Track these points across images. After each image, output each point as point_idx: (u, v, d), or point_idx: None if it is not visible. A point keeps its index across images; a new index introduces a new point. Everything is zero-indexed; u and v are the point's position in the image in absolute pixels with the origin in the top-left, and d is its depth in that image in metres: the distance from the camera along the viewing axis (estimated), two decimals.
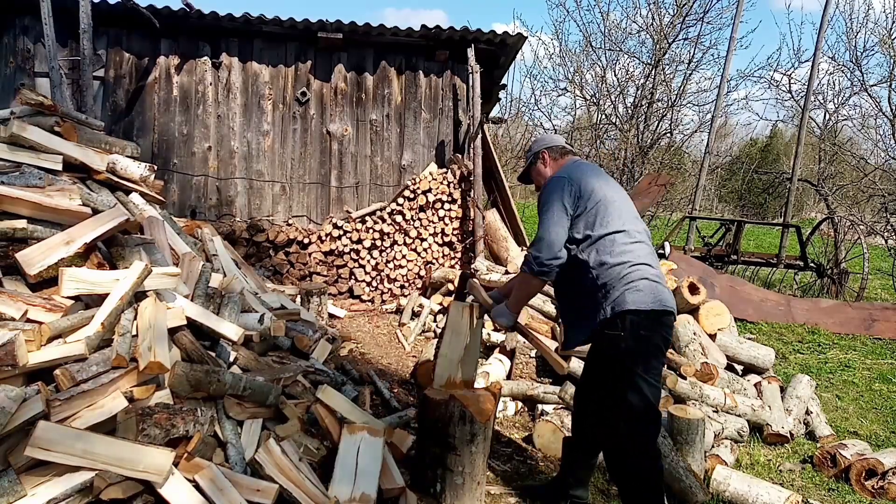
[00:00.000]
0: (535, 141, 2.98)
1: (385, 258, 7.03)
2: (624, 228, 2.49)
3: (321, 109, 7.10)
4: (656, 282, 2.46)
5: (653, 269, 2.48)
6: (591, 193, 2.52)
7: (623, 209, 2.56)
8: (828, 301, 7.62)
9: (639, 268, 2.44)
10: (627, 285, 2.40)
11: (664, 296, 2.46)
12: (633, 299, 2.39)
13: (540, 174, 2.87)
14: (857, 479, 3.38)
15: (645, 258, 2.48)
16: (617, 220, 2.49)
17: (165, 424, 2.16)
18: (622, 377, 2.45)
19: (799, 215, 19.66)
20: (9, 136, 3.13)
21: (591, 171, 2.67)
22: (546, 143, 2.90)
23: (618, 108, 13.36)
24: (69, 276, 2.47)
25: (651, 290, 2.42)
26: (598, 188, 2.55)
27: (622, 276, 2.41)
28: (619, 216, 2.51)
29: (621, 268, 2.42)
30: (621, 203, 2.57)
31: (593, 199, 2.51)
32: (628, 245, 2.47)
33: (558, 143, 2.89)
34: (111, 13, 6.33)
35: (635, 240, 2.50)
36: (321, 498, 2.26)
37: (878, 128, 13.37)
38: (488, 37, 6.90)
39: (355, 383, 3.98)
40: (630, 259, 2.44)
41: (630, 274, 2.42)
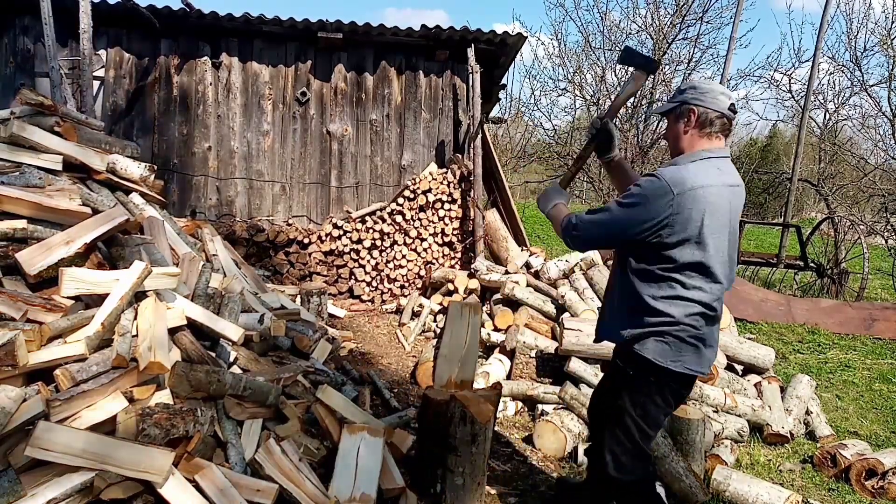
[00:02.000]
0: (695, 86, 2.21)
1: (385, 258, 7.03)
2: (715, 284, 2.14)
3: (321, 109, 7.10)
4: (695, 344, 2.17)
5: (701, 332, 2.16)
6: (693, 229, 2.06)
7: (725, 258, 2.17)
8: (828, 301, 7.62)
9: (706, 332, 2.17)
10: (662, 334, 2.15)
11: (694, 358, 2.18)
12: (658, 350, 2.15)
13: (676, 136, 2.24)
14: (857, 479, 3.38)
15: (715, 320, 2.20)
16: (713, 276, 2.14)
17: (165, 424, 2.16)
18: (619, 407, 2.30)
19: (799, 215, 19.65)
20: (9, 136, 3.14)
21: (717, 193, 2.10)
22: (703, 100, 2.16)
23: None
24: (69, 276, 2.47)
25: (679, 349, 2.15)
26: (708, 224, 2.07)
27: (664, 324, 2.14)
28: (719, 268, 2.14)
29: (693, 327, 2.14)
30: (725, 250, 2.17)
31: (693, 237, 2.08)
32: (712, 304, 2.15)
33: (718, 108, 2.15)
34: (111, 13, 6.32)
35: (720, 297, 2.18)
36: (321, 498, 2.26)
37: (878, 128, 13.37)
38: (488, 37, 6.89)
39: (355, 383, 3.98)
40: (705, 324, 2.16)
41: (674, 329, 2.14)
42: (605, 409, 2.43)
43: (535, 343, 4.58)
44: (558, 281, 5.48)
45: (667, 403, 2.28)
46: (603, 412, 2.45)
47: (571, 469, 3.41)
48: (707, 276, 2.13)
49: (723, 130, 2.19)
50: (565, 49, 15.96)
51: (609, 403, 2.38)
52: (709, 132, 2.17)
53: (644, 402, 2.24)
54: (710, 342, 2.23)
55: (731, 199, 2.15)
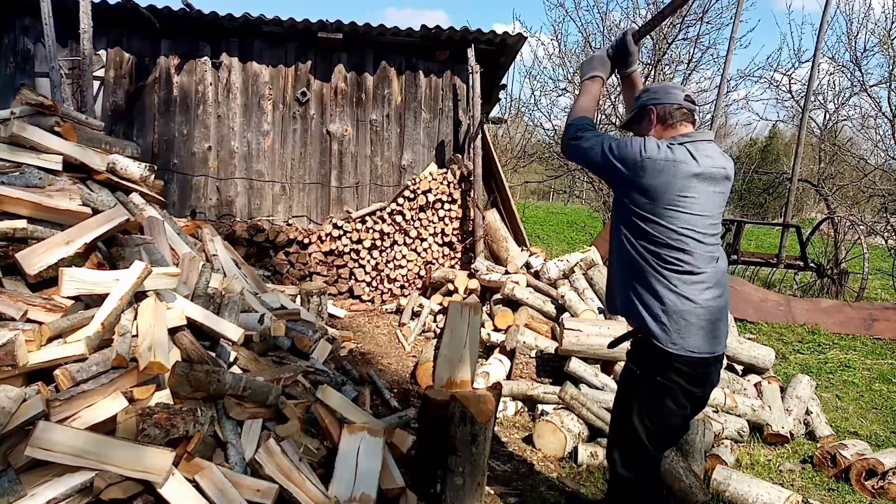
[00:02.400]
0: (648, 89, 2.33)
1: (385, 258, 7.03)
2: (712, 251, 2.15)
3: (321, 109, 7.10)
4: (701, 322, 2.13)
5: (702, 308, 2.13)
6: (681, 188, 2.09)
7: (714, 221, 2.18)
8: (828, 301, 7.62)
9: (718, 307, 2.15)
10: (696, 327, 2.11)
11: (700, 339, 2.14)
12: (701, 345, 2.12)
13: (643, 135, 2.30)
14: (857, 479, 3.38)
15: (724, 295, 2.18)
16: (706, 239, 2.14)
17: (165, 424, 2.16)
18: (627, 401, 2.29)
19: (799, 215, 19.65)
20: (9, 136, 3.13)
21: (709, 155, 2.15)
22: (657, 97, 2.25)
23: (618, 108, 13.36)
24: (69, 276, 2.47)
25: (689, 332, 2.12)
26: (694, 185, 2.10)
27: (702, 322, 2.12)
28: (709, 228, 2.15)
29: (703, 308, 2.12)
30: (713, 213, 2.17)
31: (685, 197, 2.10)
32: (695, 276, 2.13)
33: (673, 101, 2.23)
34: (111, 13, 6.32)
35: (702, 269, 2.14)
36: (321, 498, 2.26)
37: (877, 128, 13.35)
38: (488, 37, 6.90)
39: (355, 383, 3.98)
40: (715, 300, 2.14)
41: (707, 319, 2.12)
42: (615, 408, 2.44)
43: (535, 343, 4.58)
44: (558, 281, 5.48)
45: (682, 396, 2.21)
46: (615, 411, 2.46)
47: (571, 469, 3.40)
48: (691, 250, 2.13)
49: (685, 119, 2.24)
50: (565, 49, 15.96)
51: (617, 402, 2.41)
52: (671, 123, 2.23)
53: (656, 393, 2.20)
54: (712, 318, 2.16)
55: (712, 174, 2.14)
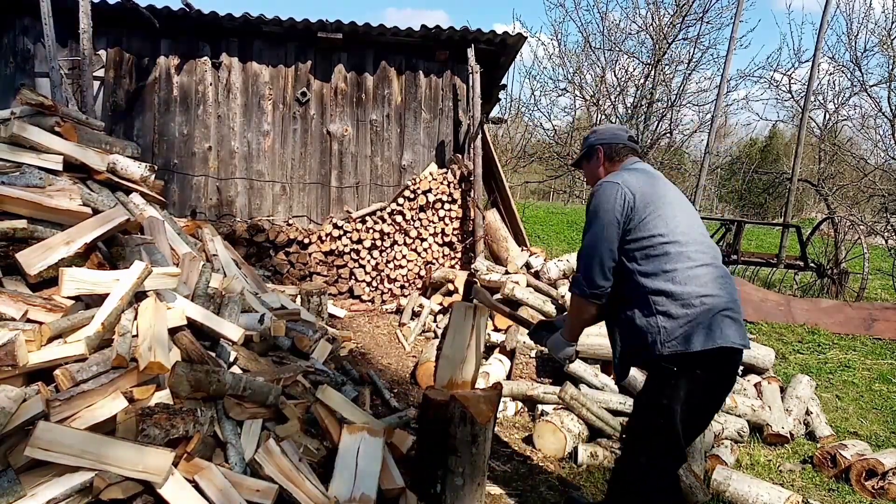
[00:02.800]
0: (594, 131, 2.60)
1: (385, 258, 7.03)
2: (688, 250, 2.18)
3: (321, 109, 7.10)
4: (728, 317, 2.16)
5: (723, 301, 2.16)
6: (651, 206, 2.20)
7: (692, 226, 2.25)
8: (828, 301, 7.62)
9: (711, 302, 2.14)
10: (691, 323, 2.12)
11: (730, 332, 2.14)
12: (700, 341, 2.11)
13: (592, 174, 2.52)
14: (857, 479, 3.38)
15: (715, 288, 2.17)
16: (682, 241, 2.18)
17: (165, 424, 2.16)
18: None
19: (799, 215, 19.66)
20: (9, 136, 3.14)
21: (651, 178, 2.32)
22: (605, 137, 2.50)
23: (617, 108, 13.36)
24: (69, 276, 2.47)
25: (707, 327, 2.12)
26: (660, 200, 2.23)
27: (692, 316, 2.12)
28: (685, 235, 2.20)
29: (689, 304, 2.13)
30: (688, 219, 2.26)
31: (653, 213, 2.19)
32: (692, 270, 2.16)
33: (618, 140, 2.48)
34: (111, 13, 6.32)
35: (700, 263, 2.18)
36: (321, 498, 2.26)
37: (877, 128, 13.37)
38: (488, 37, 6.90)
39: (355, 383, 3.98)
40: (702, 293, 2.14)
41: (701, 314, 2.12)
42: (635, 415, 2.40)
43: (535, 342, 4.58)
44: (558, 281, 5.48)
45: (715, 394, 2.25)
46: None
47: (571, 469, 3.41)
48: (677, 252, 2.19)
49: (630, 153, 2.48)
50: (565, 49, 15.97)
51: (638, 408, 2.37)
52: (618, 160, 2.47)
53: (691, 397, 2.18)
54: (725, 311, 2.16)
55: (661, 182, 2.34)
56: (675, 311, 2.12)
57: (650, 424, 2.26)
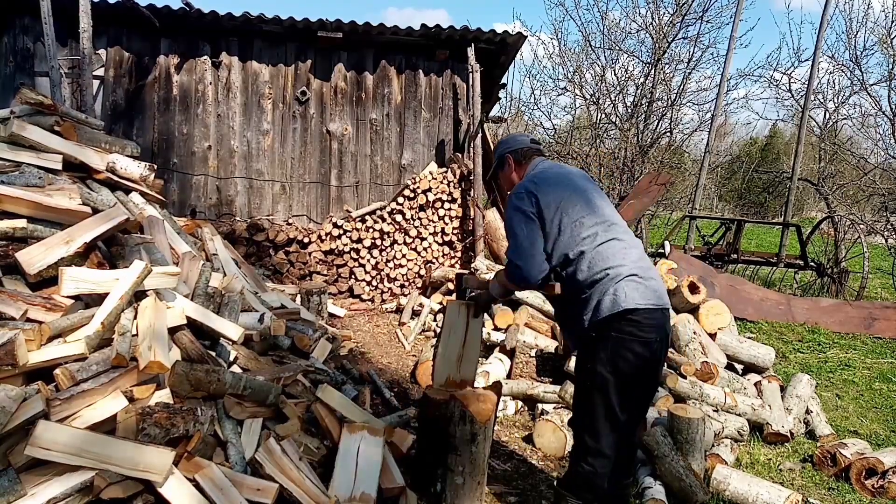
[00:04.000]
0: (500, 143, 2.84)
1: (385, 257, 7.03)
2: (590, 233, 2.36)
3: (321, 109, 7.09)
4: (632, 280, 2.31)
5: (626, 268, 2.32)
6: (553, 202, 2.40)
7: (590, 207, 2.43)
8: (828, 300, 7.62)
9: (614, 272, 2.30)
10: (605, 295, 2.29)
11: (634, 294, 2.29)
12: (608, 307, 2.27)
13: (507, 180, 2.75)
14: (857, 478, 3.38)
15: (618, 259, 2.33)
16: (584, 224, 2.37)
17: (165, 424, 2.16)
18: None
19: (799, 214, 19.65)
20: (9, 135, 3.13)
21: (554, 175, 2.53)
22: (509, 145, 2.76)
23: (617, 107, 13.35)
24: (69, 275, 2.47)
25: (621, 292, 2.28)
26: (559, 194, 2.42)
27: (602, 289, 2.29)
28: (586, 219, 2.39)
29: (598, 280, 2.30)
30: (586, 202, 2.44)
31: (554, 207, 2.39)
32: (599, 247, 2.34)
33: (522, 145, 2.73)
34: (111, 13, 6.31)
35: (604, 239, 2.36)
36: (321, 497, 2.26)
37: (877, 127, 13.34)
38: (488, 36, 6.89)
39: (355, 383, 3.98)
40: (606, 266, 2.31)
41: (608, 285, 2.29)
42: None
43: (535, 342, 4.59)
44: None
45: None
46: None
47: None
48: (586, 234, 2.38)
49: (535, 154, 2.71)
50: (565, 48, 15.96)
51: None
52: (525, 162, 2.69)
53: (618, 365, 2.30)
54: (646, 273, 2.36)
55: (564, 172, 2.59)
56: (587, 288, 2.31)
57: (584, 399, 2.38)
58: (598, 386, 2.30)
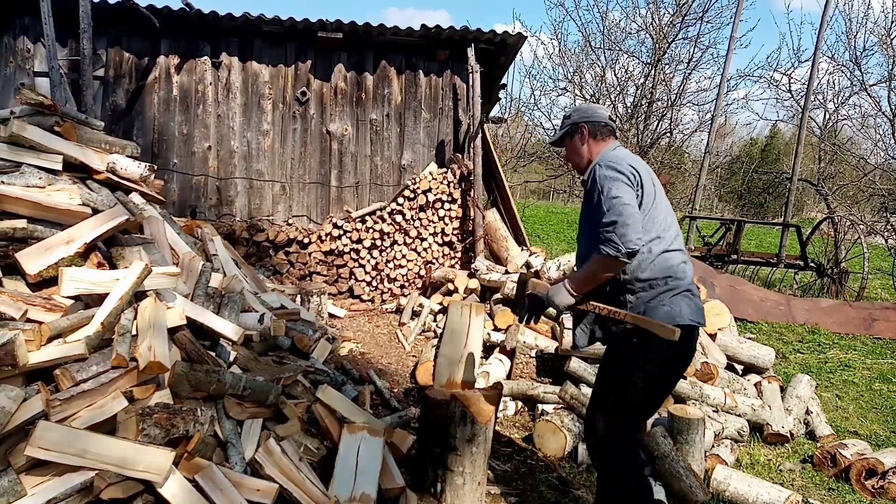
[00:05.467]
0: (577, 109, 2.60)
1: (385, 258, 7.02)
2: (661, 235, 2.31)
3: (321, 109, 7.09)
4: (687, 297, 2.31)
5: (684, 283, 2.32)
6: (647, 188, 2.30)
7: (669, 213, 2.38)
8: (828, 301, 7.62)
9: (673, 284, 2.29)
10: (653, 301, 2.27)
11: (688, 310, 2.30)
12: (658, 317, 2.24)
13: (576, 151, 2.54)
14: (857, 478, 3.38)
15: (677, 272, 2.31)
16: (661, 227, 2.32)
17: (165, 424, 2.16)
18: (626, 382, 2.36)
19: (799, 215, 19.65)
20: (9, 135, 3.13)
21: (640, 162, 2.41)
22: (589, 115, 2.53)
23: (617, 107, 13.36)
24: (69, 275, 2.47)
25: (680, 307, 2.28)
26: (651, 184, 2.34)
27: (656, 294, 2.28)
28: (664, 222, 2.33)
29: (655, 284, 2.28)
30: (667, 205, 2.39)
31: (648, 196, 2.29)
32: (666, 253, 2.30)
33: (602, 120, 2.51)
34: (111, 13, 6.32)
35: (671, 248, 2.32)
36: (321, 498, 2.26)
37: (877, 127, 13.36)
38: (488, 36, 6.89)
39: (355, 383, 3.98)
40: (666, 275, 2.28)
41: (662, 293, 2.28)
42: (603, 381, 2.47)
43: (535, 343, 4.58)
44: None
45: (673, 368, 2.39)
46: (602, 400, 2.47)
47: (571, 469, 3.40)
48: (669, 227, 2.35)
49: (611, 134, 2.53)
50: (565, 49, 15.97)
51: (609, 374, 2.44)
52: (602, 138, 2.51)
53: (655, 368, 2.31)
54: (697, 292, 2.38)
55: (647, 167, 2.44)
56: (642, 288, 2.28)
57: (621, 393, 2.36)
58: (630, 385, 2.33)
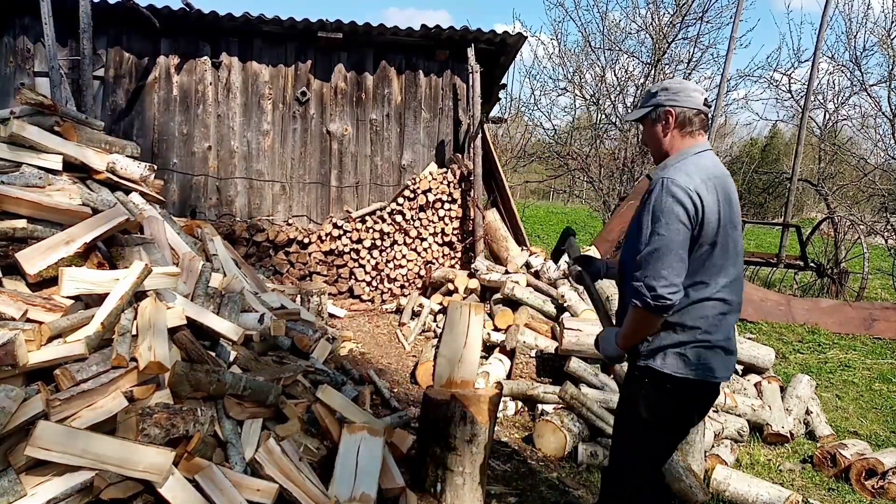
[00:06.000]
0: (664, 88, 2.14)
1: (385, 258, 7.02)
2: (707, 281, 2.03)
3: (321, 109, 7.09)
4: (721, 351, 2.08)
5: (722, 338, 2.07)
6: (714, 217, 1.98)
7: (728, 254, 2.05)
8: (828, 301, 7.62)
9: (713, 338, 2.05)
10: (686, 348, 2.04)
11: (719, 366, 2.08)
12: (675, 365, 2.04)
13: (655, 139, 2.16)
14: (856, 478, 3.38)
15: (719, 324, 2.06)
16: (710, 271, 2.02)
17: (165, 424, 2.16)
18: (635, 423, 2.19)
19: (799, 215, 19.63)
20: (9, 135, 3.13)
21: (722, 182, 2.05)
22: (680, 99, 2.09)
23: (618, 107, 13.35)
24: (69, 275, 2.47)
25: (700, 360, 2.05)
26: (723, 210, 2.01)
27: (677, 342, 2.04)
28: (719, 266, 2.03)
29: (680, 330, 2.04)
30: (735, 242, 2.07)
31: (714, 223, 1.98)
32: (708, 302, 2.03)
33: (695, 106, 2.09)
34: (111, 13, 6.31)
35: (718, 297, 2.04)
36: (321, 498, 2.26)
37: (877, 127, 13.34)
38: (488, 36, 6.89)
39: (355, 383, 3.98)
40: (707, 325, 2.03)
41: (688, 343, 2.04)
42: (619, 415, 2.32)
43: (535, 343, 4.59)
44: (558, 281, 5.48)
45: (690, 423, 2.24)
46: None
47: (571, 469, 3.41)
48: (719, 272, 2.04)
49: (702, 127, 2.13)
50: (565, 49, 15.96)
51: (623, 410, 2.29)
52: (690, 131, 2.10)
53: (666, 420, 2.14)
54: (731, 345, 2.12)
55: (726, 190, 2.07)
56: (664, 329, 2.04)
57: (628, 434, 2.23)
58: (641, 427, 2.16)
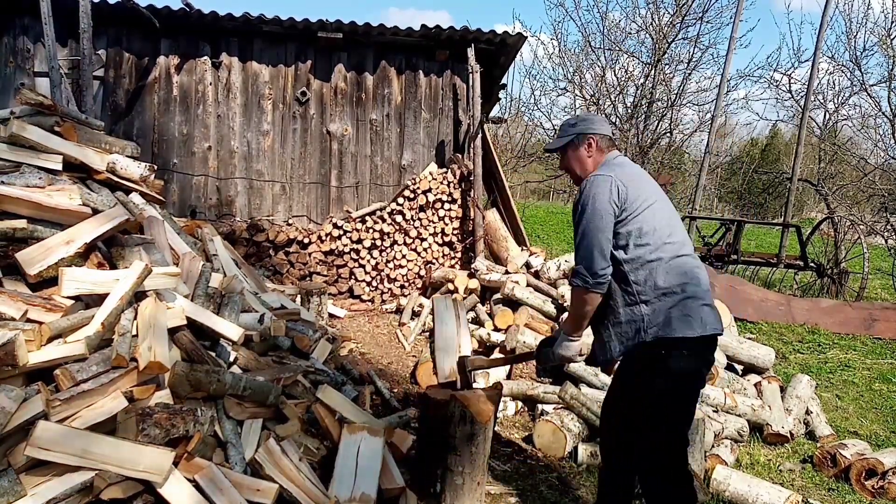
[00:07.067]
0: (583, 119, 2.58)
1: (385, 258, 7.02)
2: (671, 241, 2.30)
3: (321, 109, 7.09)
4: (706, 305, 2.30)
5: (701, 290, 2.30)
6: (639, 200, 2.31)
7: (672, 219, 2.38)
8: (828, 301, 7.62)
9: (691, 291, 2.26)
10: (673, 309, 2.24)
11: (710, 319, 2.29)
12: (681, 327, 2.22)
13: (580, 161, 2.50)
14: (857, 478, 3.38)
15: (692, 278, 2.29)
16: (665, 233, 2.31)
17: (165, 424, 2.16)
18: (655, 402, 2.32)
19: (799, 215, 19.65)
20: (9, 135, 3.13)
21: (636, 173, 2.45)
22: (595, 127, 2.51)
23: (617, 107, 13.36)
24: (69, 276, 2.47)
25: (699, 315, 2.25)
26: (646, 192, 2.35)
27: (675, 302, 2.25)
28: (668, 228, 2.33)
29: (671, 292, 2.25)
30: (669, 212, 2.40)
31: (641, 207, 2.30)
32: (673, 261, 2.28)
33: (607, 133, 2.53)
34: (111, 13, 6.31)
35: (679, 253, 2.31)
36: (321, 498, 2.26)
37: (877, 128, 13.36)
38: (488, 37, 6.89)
39: (355, 383, 3.98)
40: (682, 281, 2.26)
41: (681, 301, 2.25)
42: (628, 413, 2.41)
43: (535, 343, 4.58)
44: (558, 281, 5.48)
45: (702, 377, 2.38)
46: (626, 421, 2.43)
47: (571, 469, 3.41)
48: (672, 233, 2.33)
49: (611, 145, 2.54)
50: (565, 49, 15.96)
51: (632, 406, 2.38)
52: (603, 150, 2.51)
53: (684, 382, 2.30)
54: (711, 299, 2.34)
55: (643, 174, 2.49)
56: (656, 299, 2.24)
57: (650, 412, 2.30)
58: (664, 400, 2.29)
